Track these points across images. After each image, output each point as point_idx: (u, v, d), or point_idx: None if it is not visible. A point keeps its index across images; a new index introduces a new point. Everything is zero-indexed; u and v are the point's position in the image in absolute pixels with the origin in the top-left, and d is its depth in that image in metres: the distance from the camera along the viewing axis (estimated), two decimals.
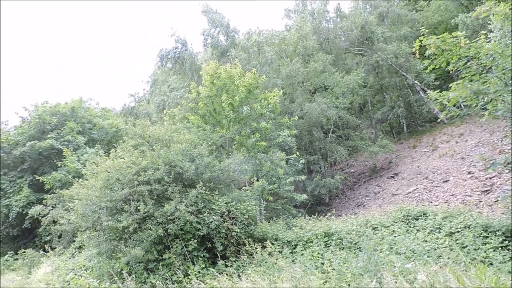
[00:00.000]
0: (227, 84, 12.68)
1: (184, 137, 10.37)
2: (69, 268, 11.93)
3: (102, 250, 9.23)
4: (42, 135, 21.93)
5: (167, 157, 9.10)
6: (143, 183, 8.72)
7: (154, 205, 8.58)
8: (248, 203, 9.79)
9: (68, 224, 10.19)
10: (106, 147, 22.28)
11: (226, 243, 9.10)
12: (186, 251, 8.57)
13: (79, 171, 17.70)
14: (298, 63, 22.38)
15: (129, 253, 8.25)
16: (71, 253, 14.37)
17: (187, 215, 8.44)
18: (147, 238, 8.32)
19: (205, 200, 9.27)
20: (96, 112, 26.14)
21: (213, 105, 12.72)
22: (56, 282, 10.78)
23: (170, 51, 23.45)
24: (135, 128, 10.67)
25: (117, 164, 9.08)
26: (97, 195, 8.84)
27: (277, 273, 7.34)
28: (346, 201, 20.19)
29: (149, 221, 8.52)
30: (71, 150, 20.32)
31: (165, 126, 10.49)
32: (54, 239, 17.81)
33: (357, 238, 8.83)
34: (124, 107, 26.70)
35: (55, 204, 17.29)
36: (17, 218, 20.54)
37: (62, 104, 24.16)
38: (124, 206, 8.51)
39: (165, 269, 8.37)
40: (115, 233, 8.84)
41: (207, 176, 9.60)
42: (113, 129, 24.54)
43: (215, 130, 12.38)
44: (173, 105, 20.09)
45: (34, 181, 20.61)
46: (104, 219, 8.57)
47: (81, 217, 9.55)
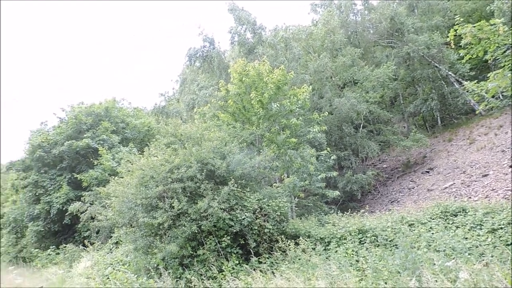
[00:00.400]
0: (255, 81, 12.68)
1: (215, 135, 10.47)
2: (107, 262, 12.35)
3: (139, 246, 9.50)
4: (78, 135, 22.78)
5: (199, 155, 9.23)
6: (176, 180, 8.89)
7: (188, 202, 8.73)
8: (279, 200, 9.79)
9: (105, 221, 10.54)
10: (139, 145, 22.86)
11: (258, 240, 9.14)
12: (220, 248, 8.68)
13: (114, 169, 18.28)
14: (326, 58, 22.07)
15: (165, 249, 8.44)
16: (108, 248, 14.87)
17: (220, 212, 8.54)
18: (182, 235, 8.48)
19: (237, 197, 9.34)
20: (129, 111, 26.86)
21: (242, 102, 12.76)
22: (96, 276, 11.18)
23: (198, 50, 23.71)
24: (167, 127, 10.88)
25: (151, 162, 9.29)
26: (132, 192, 9.09)
27: (311, 270, 7.30)
28: (379, 197, 19.78)
29: (183, 218, 8.68)
30: (106, 149, 21.00)
31: (196, 124, 10.64)
32: (93, 235, 18.49)
33: (393, 235, 8.63)
34: (155, 106, 27.29)
35: (93, 201, 17.91)
36: (58, 214, 21.47)
37: (97, 105, 24.99)
38: (159, 203, 8.71)
39: (199, 265, 8.52)
40: (151, 229, 9.07)
41: (239, 173, 9.66)
42: (145, 128, 25.13)
43: (245, 127, 12.43)
44: (203, 104, 20.33)
45: (73, 179, 21.46)
46: (140, 216, 8.81)
47: (118, 214, 9.85)
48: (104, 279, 10.65)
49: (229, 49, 28.71)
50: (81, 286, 10.82)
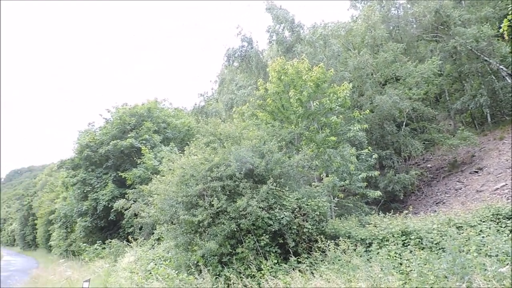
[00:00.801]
0: (294, 79, 12.58)
1: (254, 133, 10.49)
2: (149, 258, 12.74)
3: (179, 243, 9.72)
4: (123, 135, 23.72)
5: (238, 154, 9.29)
6: (215, 179, 9.00)
7: (227, 200, 8.81)
8: (319, 199, 9.64)
9: (148, 217, 10.90)
10: (180, 145, 23.43)
11: (297, 239, 9.06)
12: (259, 246, 8.69)
13: (156, 168, 18.84)
14: (366, 54, 21.47)
15: (204, 246, 8.58)
16: (151, 244, 15.34)
17: (259, 210, 8.55)
18: (221, 232, 8.58)
19: (276, 196, 9.31)
20: (170, 112, 27.61)
21: (281, 101, 12.71)
22: (139, 271, 11.57)
23: (237, 50, 23.88)
24: (207, 126, 11.05)
25: (191, 161, 9.48)
26: (174, 190, 9.32)
27: (352, 272, 7.13)
28: (423, 198, 18.97)
29: (222, 216, 8.78)
30: (148, 148, 21.71)
31: (235, 124, 10.73)
32: (136, 231, 19.20)
33: (439, 237, 8.24)
34: (195, 107, 27.83)
35: (136, 198, 18.58)
36: (104, 211, 22.48)
37: (140, 106, 25.90)
38: (199, 201, 8.86)
39: (238, 263, 8.58)
40: (191, 226, 9.25)
41: (277, 172, 9.63)
42: (185, 127, 25.72)
43: (283, 126, 12.37)
44: (241, 103, 20.46)
45: (117, 177, 22.40)
46: (180, 213, 9.01)
47: (160, 211, 10.15)
48: (146, 274, 11.00)
49: (267, 48, 28.69)
50: (125, 280, 11.22)
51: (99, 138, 24.31)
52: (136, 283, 10.06)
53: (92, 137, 24.48)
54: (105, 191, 22.58)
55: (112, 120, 25.22)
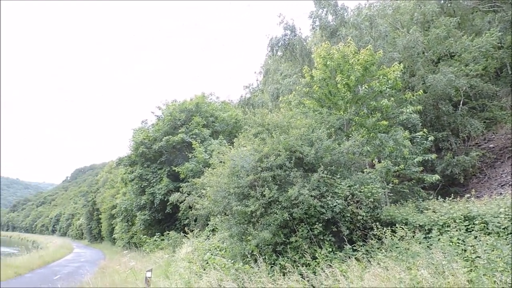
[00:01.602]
0: (341, 64, 12.24)
1: (302, 122, 10.39)
2: (206, 248, 13.15)
3: (233, 233, 9.93)
4: (174, 130, 24.58)
5: (286, 143, 9.26)
6: (266, 169, 9.05)
7: (278, 190, 8.84)
8: (372, 186, 9.37)
9: (202, 209, 11.22)
10: (228, 137, 23.85)
11: (352, 227, 8.90)
12: (312, 235, 8.64)
13: (207, 161, 19.34)
14: (416, 32, 20.31)
15: (258, 236, 8.69)
16: (206, 235, 15.83)
17: (311, 199, 8.49)
18: (274, 222, 8.64)
19: (327, 184, 9.18)
20: (217, 105, 28.13)
21: (328, 87, 12.43)
22: (196, 261, 11.99)
23: (280, 39, 23.66)
24: (255, 117, 11.11)
25: (241, 152, 9.59)
26: (225, 182, 9.51)
27: (411, 259, 6.88)
28: (486, 180, 17.76)
29: (274, 206, 8.83)
30: (198, 142, 22.32)
31: (282, 113, 10.68)
32: (191, 223, 19.90)
33: (507, 222, 7.68)
34: (241, 99, 28.07)
35: (190, 191, 19.22)
36: (160, 204, 23.52)
37: (188, 101, 26.64)
38: (251, 191, 8.97)
39: (292, 251, 8.60)
40: (244, 217, 9.40)
41: (328, 159, 9.48)
42: (232, 120, 26.10)
43: (331, 112, 12.10)
44: (287, 92, 20.32)
45: (171, 172, 23.29)
46: (233, 204, 9.19)
47: (213, 203, 10.41)
48: (203, 263, 11.39)
49: (310, 35, 28.16)
50: (184, 269, 11.68)
51: (152, 135, 25.37)
52: (195, 272, 10.46)
53: (145, 135, 25.61)
54: (161, 185, 23.58)
55: (163, 117, 26.19)
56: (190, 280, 9.73)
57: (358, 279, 6.60)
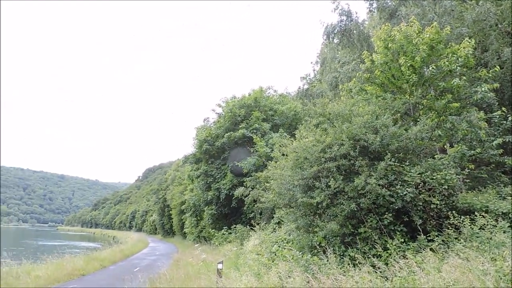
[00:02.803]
0: (403, 45, 11.58)
1: (364, 109, 10.04)
2: (273, 241, 13.30)
3: (300, 225, 9.92)
4: (235, 126, 25.13)
5: (350, 132, 9.01)
6: (329, 159, 8.90)
7: (344, 180, 8.65)
8: (445, 172, 8.78)
9: (267, 202, 11.37)
10: (288, 130, 23.81)
11: (424, 217, 8.43)
12: (382, 225, 8.34)
13: (268, 155, 19.51)
14: (487, 3, 18.55)
15: (325, 227, 8.60)
16: (272, 227, 16.00)
17: (378, 188, 8.19)
18: (341, 213, 8.48)
19: (396, 172, 8.78)
20: (275, 99, 28.20)
21: (391, 71, 11.84)
22: (265, 253, 12.19)
23: (335, 25, 23.00)
24: (315, 107, 10.95)
25: (303, 144, 9.53)
26: (289, 174, 9.52)
27: (496, 249, 6.35)
28: None
29: (340, 196, 8.66)
30: (259, 137, 22.59)
31: (343, 101, 10.40)
32: (257, 216, 20.25)
33: None
34: (299, 90, 27.85)
35: (254, 185, 19.55)
36: (226, 199, 24.25)
37: (247, 96, 27.03)
38: (315, 183, 8.88)
39: (362, 243, 8.38)
40: (310, 208, 9.34)
41: (394, 146, 9.06)
42: (291, 112, 26.00)
43: (396, 97, 11.51)
44: (346, 80, 19.74)
45: (234, 167, 23.85)
46: (298, 196, 9.18)
47: (278, 195, 10.49)
48: (271, 255, 11.54)
49: (367, 19, 27.05)
50: (253, 261, 11.93)
51: (214, 132, 26.17)
52: (263, 264, 10.64)
53: (208, 132, 26.49)
54: (225, 180, 24.29)
55: (224, 114, 26.87)
56: (260, 271, 9.91)
57: (435, 271, 6.25)
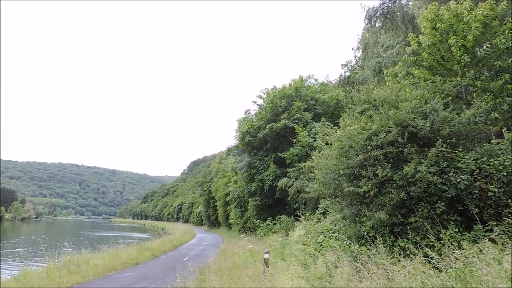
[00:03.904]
0: (453, 24, 10.89)
1: (412, 94, 9.59)
2: (318, 231, 13.20)
3: (346, 215, 9.74)
4: (276, 117, 25.07)
5: (397, 118, 8.66)
6: (376, 147, 8.63)
7: (391, 168, 8.36)
8: (503, 157, 8.21)
9: (312, 192, 11.26)
10: (330, 119, 23.40)
11: (481, 205, 7.96)
12: (434, 214, 7.98)
13: (311, 144, 19.31)
14: None
15: (373, 217, 8.37)
16: (317, 218, 15.87)
17: (429, 176, 7.83)
18: (389, 202, 8.21)
19: (448, 158, 8.34)
20: (316, 88, 27.77)
21: (440, 52, 11.19)
22: (310, 243, 12.13)
23: (378, 8, 22.19)
24: (359, 94, 10.64)
25: (348, 132, 9.30)
26: (334, 163, 9.34)
27: None
28: None
29: (388, 185, 8.38)
30: (301, 127, 22.38)
31: (388, 87, 9.99)
32: (301, 206, 20.18)
33: None
34: (340, 78, 27.22)
35: (297, 176, 19.47)
36: (270, 190, 24.35)
37: (287, 87, 26.83)
38: (362, 171, 8.65)
39: (413, 232, 8.07)
40: (356, 198, 9.13)
41: (446, 132, 8.61)
42: (333, 101, 25.50)
43: (446, 80, 10.89)
44: (390, 65, 19.00)
45: (277, 158, 23.87)
46: (344, 185, 8.99)
47: (323, 185, 10.34)
48: (317, 246, 11.46)
49: None
50: (299, 251, 11.92)
51: (256, 124, 26.28)
52: (310, 254, 10.59)
53: (250, 124, 26.65)
54: (268, 171, 24.37)
55: (265, 105, 26.87)
56: (306, 261, 9.88)
57: (495, 262, 5.89)
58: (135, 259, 19.02)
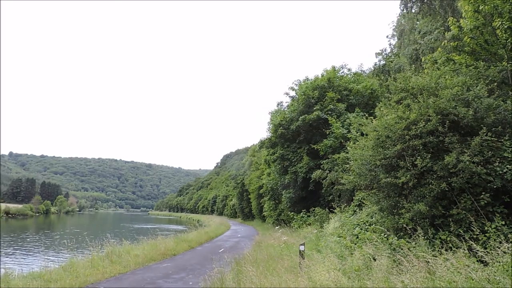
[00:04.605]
0: (498, 6, 10.26)
1: (453, 81, 9.17)
2: (354, 223, 13.00)
3: (383, 207, 9.51)
4: (309, 109, 24.80)
5: (437, 106, 8.32)
6: (414, 137, 8.34)
7: (431, 158, 8.06)
8: None
9: (348, 183, 11.06)
10: (364, 109, 22.85)
11: None
12: (478, 206, 7.63)
13: (345, 136, 18.97)
14: None
15: (412, 208, 8.12)
16: (352, 210, 15.63)
17: (473, 166, 7.48)
18: (429, 193, 7.93)
19: (493, 147, 7.94)
20: (349, 78, 27.18)
21: (483, 36, 10.60)
22: (346, 235, 11.97)
23: None
24: (396, 83, 10.29)
25: (384, 122, 9.04)
26: (370, 154, 9.13)
27: None
28: None
29: (428, 176, 8.09)
30: (334, 118, 22.03)
31: (428, 74, 9.59)
32: (335, 199, 19.93)
33: None
34: (375, 67, 26.47)
35: (331, 167, 19.22)
36: (303, 182, 24.20)
37: (320, 78, 26.44)
38: (399, 162, 8.41)
39: (455, 225, 7.77)
40: (394, 189, 8.89)
41: (491, 120, 8.18)
42: (368, 91, 24.87)
43: (490, 65, 10.32)
44: (428, 51, 18.28)
45: (310, 149, 23.65)
46: (381, 177, 8.78)
47: (358, 177, 10.14)
48: (353, 238, 11.29)
49: None
50: (334, 243, 11.82)
51: (288, 116, 26.13)
52: (346, 246, 10.46)
53: (282, 116, 26.53)
54: (302, 164, 24.21)
55: (297, 97, 26.64)
56: (343, 253, 9.77)
57: None
58: (172, 250, 19.57)
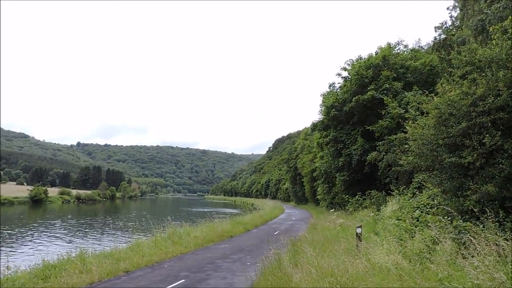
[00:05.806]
0: None
1: None
2: (413, 206, 12.52)
3: (446, 188, 9.03)
4: (362, 89, 23.94)
5: (508, 79, 7.65)
6: (482, 113, 7.77)
7: (502, 136, 7.47)
8: None
9: (407, 165, 10.61)
10: (424, 87, 21.60)
11: None
12: None
13: (402, 115, 18.12)
14: None
15: (479, 190, 7.63)
16: (411, 192, 15.03)
17: None
18: (499, 174, 7.40)
19: None
20: (406, 55, 25.77)
21: None
22: (406, 218, 11.56)
23: None
24: (460, 56, 9.58)
25: (447, 98, 8.50)
26: (432, 133, 8.68)
27: None
28: None
29: (498, 155, 7.54)
30: (390, 97, 21.09)
31: (498, 45, 8.80)
32: (392, 181, 19.25)
33: None
34: (434, 41, 24.79)
35: (387, 149, 18.53)
36: (358, 165, 23.62)
37: (374, 56, 25.34)
38: (465, 141, 7.90)
39: None
40: (458, 170, 8.40)
41: None
42: (427, 67, 23.44)
43: None
44: (496, 21, 16.74)
45: (365, 131, 22.94)
46: (444, 156, 8.32)
47: (418, 157, 9.68)
48: (413, 221, 10.87)
49: None
50: (393, 227, 11.48)
51: (341, 97, 25.48)
52: (405, 229, 10.11)
53: (335, 98, 25.93)
54: (356, 146, 23.62)
55: (350, 77, 25.81)
56: (402, 236, 9.47)
57: None
58: (229, 232, 20.18)
